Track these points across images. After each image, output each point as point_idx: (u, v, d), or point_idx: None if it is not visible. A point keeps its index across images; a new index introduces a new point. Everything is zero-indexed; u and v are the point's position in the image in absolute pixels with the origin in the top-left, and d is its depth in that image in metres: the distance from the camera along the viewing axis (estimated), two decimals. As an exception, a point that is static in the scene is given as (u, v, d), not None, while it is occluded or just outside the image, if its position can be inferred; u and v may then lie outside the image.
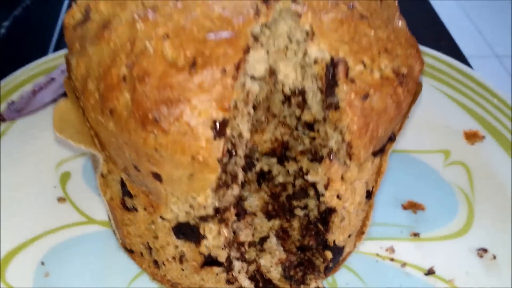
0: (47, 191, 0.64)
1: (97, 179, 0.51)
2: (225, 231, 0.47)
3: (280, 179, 0.58)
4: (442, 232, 0.61)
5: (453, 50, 0.89)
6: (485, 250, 0.59)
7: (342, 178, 0.46)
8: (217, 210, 0.46)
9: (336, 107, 0.42)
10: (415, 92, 0.47)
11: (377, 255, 0.59)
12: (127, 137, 0.41)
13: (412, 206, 0.64)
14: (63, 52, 0.79)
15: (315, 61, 0.43)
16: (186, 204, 0.45)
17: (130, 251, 0.57)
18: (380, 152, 0.47)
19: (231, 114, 0.40)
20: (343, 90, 0.41)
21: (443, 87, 0.78)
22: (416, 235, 0.61)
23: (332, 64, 0.42)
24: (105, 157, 0.48)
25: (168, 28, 0.40)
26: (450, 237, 0.61)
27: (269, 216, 0.58)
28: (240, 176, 0.46)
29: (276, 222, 0.58)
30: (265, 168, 0.58)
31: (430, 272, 0.58)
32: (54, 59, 0.78)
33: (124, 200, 0.51)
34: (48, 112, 0.72)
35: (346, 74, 0.41)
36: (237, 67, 0.39)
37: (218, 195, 0.43)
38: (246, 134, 0.44)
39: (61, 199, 0.63)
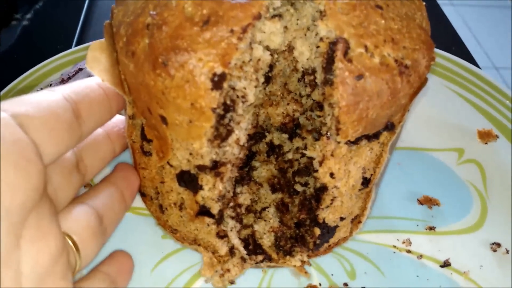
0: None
1: (126, 121, 0.57)
2: (219, 185, 0.51)
3: (290, 155, 0.61)
4: (456, 227, 0.64)
5: (464, 55, 0.91)
6: (498, 245, 0.62)
7: (332, 154, 0.48)
8: (214, 164, 0.50)
9: (331, 83, 0.45)
10: (418, 86, 0.48)
11: (394, 246, 0.62)
12: (142, 78, 0.46)
13: (428, 202, 0.66)
14: (88, 44, 0.83)
15: (321, 39, 0.46)
16: (187, 151, 0.49)
17: (143, 194, 0.63)
18: (374, 137, 0.49)
19: (231, 71, 0.44)
20: (338, 67, 0.44)
21: (457, 88, 0.80)
22: (431, 229, 0.64)
23: (334, 43, 0.44)
24: (130, 100, 0.54)
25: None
26: (464, 232, 0.63)
27: (274, 189, 0.62)
28: (242, 137, 0.50)
29: (279, 196, 0.61)
30: (276, 142, 0.62)
31: (445, 264, 0.60)
32: (79, 50, 0.83)
33: (143, 144, 0.57)
34: None
35: (345, 54, 0.44)
36: (244, 30, 0.43)
37: (213, 146, 0.47)
38: (251, 98, 0.48)
39: (87, 185, 0.66)
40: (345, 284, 0.58)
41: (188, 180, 0.53)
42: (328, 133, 0.48)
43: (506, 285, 0.58)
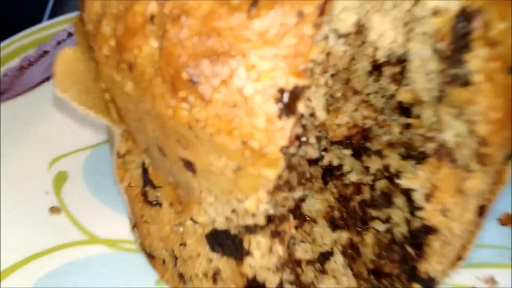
0: (36, 198, 0.50)
1: (113, 160, 0.38)
2: (279, 249, 0.34)
3: (353, 177, 0.44)
4: None
5: None
6: None
7: (457, 188, 0.31)
8: (269, 219, 0.33)
9: (465, 82, 0.27)
10: None
11: None
12: (150, 104, 0.28)
13: None
14: (61, 18, 0.65)
15: (435, 12, 0.28)
16: (228, 208, 0.32)
17: (150, 256, 0.45)
18: (512, 155, 0.32)
19: (307, 81, 0.26)
20: (479, 56, 0.27)
21: None
22: None
23: (464, 17, 0.27)
24: (123, 131, 0.35)
25: None
26: None
27: (333, 226, 0.45)
28: (307, 167, 0.33)
29: (343, 235, 0.44)
30: (335, 162, 0.44)
31: None
32: (48, 27, 0.63)
33: (145, 191, 0.39)
34: (38, 94, 0.58)
35: (485, 33, 0.27)
36: (322, 10, 0.25)
37: (275, 199, 0.30)
38: (321, 114, 0.31)
39: (54, 209, 0.50)
40: None
41: (227, 244, 0.36)
42: (441, 154, 0.32)
43: None
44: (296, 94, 0.25)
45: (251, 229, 0.33)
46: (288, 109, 0.26)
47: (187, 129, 0.27)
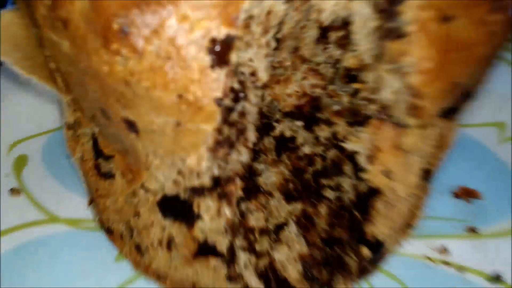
0: None
1: (64, 132, 0.38)
2: (227, 211, 0.34)
3: (307, 149, 0.44)
4: (506, 226, 0.48)
5: None
6: None
7: (395, 146, 0.32)
8: (216, 181, 0.33)
9: (400, 34, 0.28)
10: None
11: (427, 258, 0.46)
12: (87, 62, 0.28)
13: (466, 194, 0.51)
14: None
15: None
16: (174, 170, 0.32)
17: (108, 231, 0.45)
18: (451, 112, 0.33)
19: (241, 32, 0.26)
20: (413, 6, 0.27)
21: None
22: (473, 230, 0.48)
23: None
24: (69, 100, 0.35)
25: None
26: None
27: (289, 197, 0.45)
28: (251, 134, 0.33)
29: (297, 206, 0.44)
30: (287, 134, 0.44)
31: (495, 278, 0.44)
32: None
33: (98, 163, 0.39)
34: None
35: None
36: (253, -39, 0.26)
37: (218, 157, 0.30)
38: (262, 75, 0.31)
39: (14, 191, 0.50)
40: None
41: (177, 209, 0.35)
42: (382, 114, 0.32)
43: None
44: (228, 43, 0.26)
45: (199, 192, 0.33)
46: (221, 59, 0.26)
47: (124, 86, 0.27)
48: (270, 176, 0.45)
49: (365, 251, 0.40)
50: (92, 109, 0.33)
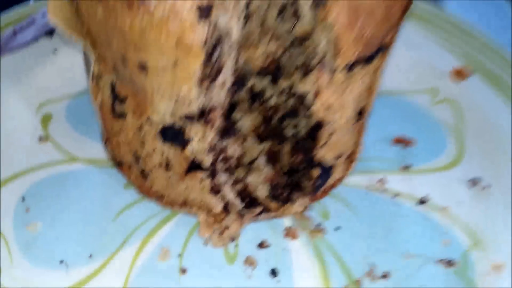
0: (27, 131, 0.64)
1: (89, 82, 0.51)
2: (210, 134, 0.47)
3: (273, 101, 0.58)
4: (433, 165, 0.62)
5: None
6: (476, 181, 0.60)
7: (330, 83, 0.45)
8: (202, 112, 0.46)
9: (324, 4, 0.42)
10: (406, 5, 0.46)
11: (368, 187, 0.59)
12: (114, 21, 0.41)
13: (402, 142, 0.64)
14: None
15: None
16: (171, 101, 0.45)
17: (119, 164, 0.58)
18: (369, 60, 0.46)
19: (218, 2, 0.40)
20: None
21: (428, 27, 0.76)
22: (406, 168, 0.61)
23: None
24: (96, 56, 0.48)
25: None
26: (441, 169, 0.61)
27: (260, 138, 0.58)
28: (228, 79, 0.46)
29: (267, 145, 0.58)
30: (258, 88, 0.58)
31: (422, 201, 0.58)
32: (36, 7, 0.74)
33: (114, 106, 0.52)
34: (29, 52, 0.71)
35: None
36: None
37: (202, 88, 0.43)
38: (235, 34, 0.44)
39: (42, 139, 0.63)
40: (319, 225, 0.56)
41: (174, 135, 0.48)
42: (323, 62, 0.45)
43: (485, 221, 0.56)
44: (208, 7, 0.39)
45: (190, 118, 0.46)
46: (204, 15, 0.39)
47: (140, 36, 0.41)
48: (246, 122, 0.59)
49: (315, 172, 0.53)
50: (114, 59, 0.46)
